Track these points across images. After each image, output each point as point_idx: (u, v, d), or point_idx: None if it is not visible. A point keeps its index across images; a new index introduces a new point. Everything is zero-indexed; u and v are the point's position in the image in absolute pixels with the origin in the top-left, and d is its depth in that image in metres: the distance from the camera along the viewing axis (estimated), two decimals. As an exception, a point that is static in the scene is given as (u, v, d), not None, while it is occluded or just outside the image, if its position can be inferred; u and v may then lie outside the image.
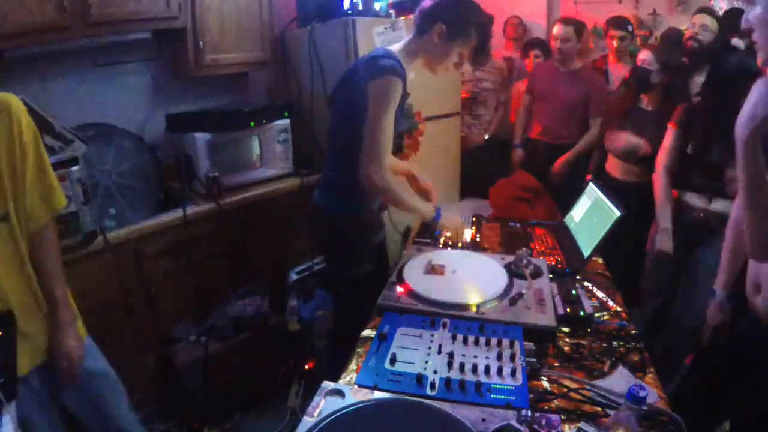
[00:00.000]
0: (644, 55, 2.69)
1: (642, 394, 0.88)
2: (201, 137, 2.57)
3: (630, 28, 3.55)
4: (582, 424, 1.08)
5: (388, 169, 1.80)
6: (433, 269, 1.70)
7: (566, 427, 1.09)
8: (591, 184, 2.17)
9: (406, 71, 1.86)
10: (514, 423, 0.95)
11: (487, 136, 3.94)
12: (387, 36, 2.73)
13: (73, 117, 2.35)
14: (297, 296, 2.71)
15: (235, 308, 2.57)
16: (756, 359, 1.43)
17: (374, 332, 1.41)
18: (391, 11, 2.99)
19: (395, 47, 1.95)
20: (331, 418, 1.04)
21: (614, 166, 2.86)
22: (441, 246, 2.05)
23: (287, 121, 2.85)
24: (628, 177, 2.79)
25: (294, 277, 2.73)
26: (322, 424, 1.02)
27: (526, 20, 4.47)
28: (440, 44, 1.88)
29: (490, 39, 1.93)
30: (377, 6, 2.92)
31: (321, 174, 2.59)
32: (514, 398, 1.12)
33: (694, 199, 2.34)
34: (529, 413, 1.00)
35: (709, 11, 3.27)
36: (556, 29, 3.40)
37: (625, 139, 2.73)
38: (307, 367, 2.64)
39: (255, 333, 2.59)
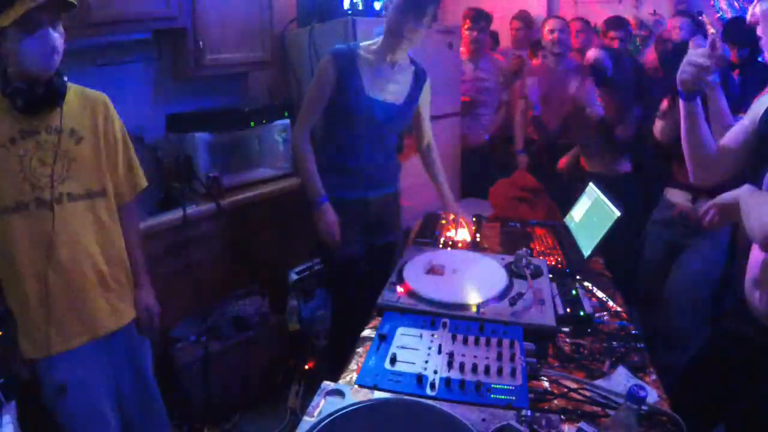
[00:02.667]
0: (596, 53, 2.77)
1: (642, 394, 0.88)
2: (201, 137, 2.58)
3: (629, 28, 3.55)
4: (582, 424, 1.08)
5: (304, 134, 2.07)
6: (433, 269, 1.70)
7: (566, 427, 1.09)
8: (591, 184, 2.17)
9: (369, 59, 2.03)
10: (513, 423, 0.95)
11: (487, 137, 3.91)
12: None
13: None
14: (297, 296, 2.71)
15: (235, 308, 2.57)
16: (754, 360, 1.43)
17: (374, 332, 1.41)
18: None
19: (370, 42, 2.10)
20: (331, 418, 1.04)
21: (593, 164, 2.93)
22: (441, 246, 2.05)
23: (287, 121, 2.85)
24: (591, 168, 2.85)
25: (294, 277, 2.73)
26: (321, 425, 1.02)
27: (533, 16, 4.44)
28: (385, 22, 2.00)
29: None
30: (377, 6, 2.92)
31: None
32: (514, 398, 1.12)
33: (677, 197, 2.35)
34: (529, 413, 1.01)
35: (686, 14, 3.30)
36: (551, 23, 3.40)
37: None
38: (307, 367, 2.64)
39: (255, 333, 2.59)
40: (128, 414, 1.80)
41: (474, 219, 2.29)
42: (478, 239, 2.12)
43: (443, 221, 2.25)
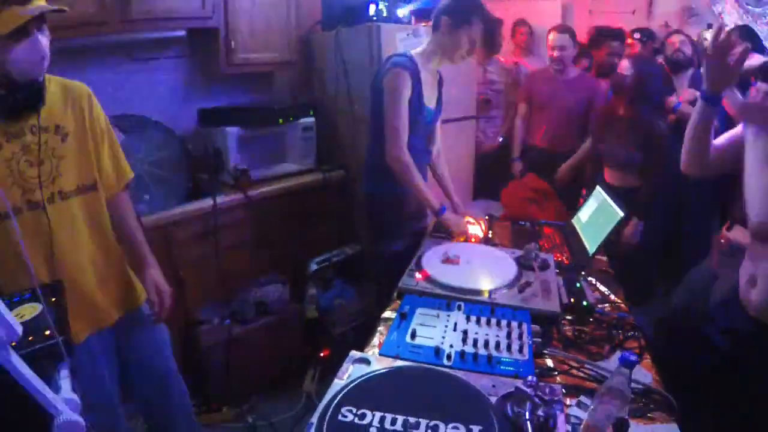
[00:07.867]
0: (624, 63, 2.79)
1: (633, 358, 0.99)
2: (232, 131, 2.72)
3: (645, 38, 3.63)
4: (582, 398, 1.20)
5: (405, 150, 2.11)
6: (449, 259, 1.82)
7: (567, 399, 1.21)
8: (598, 187, 2.27)
9: (421, 69, 2.14)
10: (521, 386, 1.07)
11: (501, 139, 3.97)
12: (409, 42, 2.85)
13: (109, 108, 2.43)
14: (316, 285, 2.84)
15: (257, 294, 2.69)
16: (747, 357, 1.49)
17: (395, 313, 1.53)
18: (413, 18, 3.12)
19: (416, 51, 2.21)
20: (359, 380, 1.17)
21: (610, 175, 2.92)
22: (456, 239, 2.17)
23: (312, 119, 2.99)
24: (623, 183, 2.87)
25: (314, 266, 2.85)
26: (351, 386, 1.15)
27: (534, 25, 4.45)
28: (449, 35, 2.13)
29: (495, 24, 2.15)
30: (400, 13, 3.04)
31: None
32: (521, 370, 1.25)
33: None
34: (534, 379, 1.11)
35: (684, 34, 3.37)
36: (552, 38, 3.37)
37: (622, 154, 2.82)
38: (322, 354, 2.75)
39: (275, 318, 2.72)
40: (143, 398, 1.82)
41: (486, 218, 2.41)
42: (490, 236, 2.24)
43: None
